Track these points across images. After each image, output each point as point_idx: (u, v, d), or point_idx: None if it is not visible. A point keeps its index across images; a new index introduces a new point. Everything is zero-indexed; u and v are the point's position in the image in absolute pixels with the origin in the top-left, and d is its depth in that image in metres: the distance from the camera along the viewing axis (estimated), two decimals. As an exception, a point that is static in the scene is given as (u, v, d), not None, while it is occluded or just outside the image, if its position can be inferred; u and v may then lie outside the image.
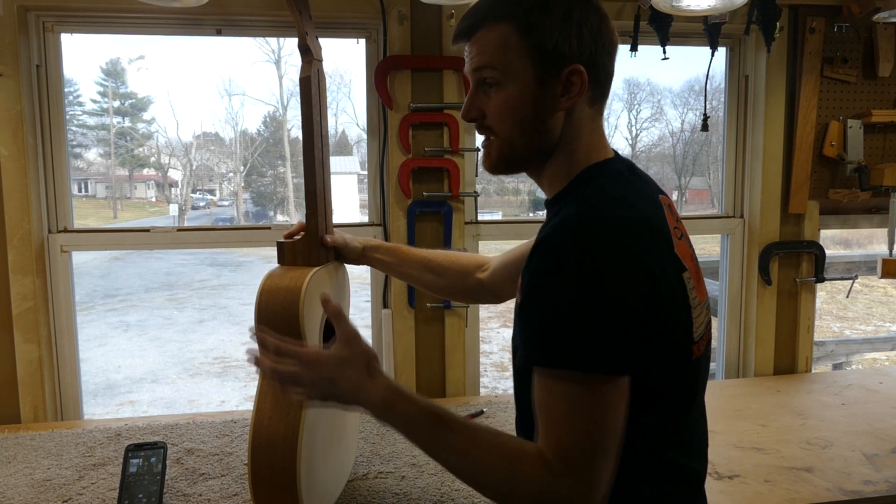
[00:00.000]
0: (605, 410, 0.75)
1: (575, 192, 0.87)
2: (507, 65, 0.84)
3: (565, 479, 0.74)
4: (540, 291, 0.77)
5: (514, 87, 0.84)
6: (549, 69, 0.83)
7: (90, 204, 21.55)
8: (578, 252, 0.75)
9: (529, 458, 0.77)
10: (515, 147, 0.88)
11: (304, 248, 1.16)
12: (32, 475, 1.34)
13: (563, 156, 0.88)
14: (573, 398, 0.75)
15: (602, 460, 0.75)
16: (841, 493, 1.27)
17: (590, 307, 0.74)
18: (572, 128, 0.87)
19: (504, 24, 0.84)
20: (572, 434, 0.75)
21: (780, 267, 2.03)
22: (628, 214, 0.80)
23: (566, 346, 0.74)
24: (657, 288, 0.77)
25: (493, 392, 2.80)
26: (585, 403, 0.74)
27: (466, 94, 0.91)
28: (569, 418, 0.75)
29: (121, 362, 6.61)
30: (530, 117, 0.85)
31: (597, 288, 0.74)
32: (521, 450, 0.79)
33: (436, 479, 1.31)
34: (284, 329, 1.05)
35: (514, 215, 17.64)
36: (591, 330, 0.73)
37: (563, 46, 0.83)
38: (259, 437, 1.02)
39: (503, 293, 1.23)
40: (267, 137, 22.45)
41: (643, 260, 0.77)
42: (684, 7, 1.57)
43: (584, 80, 0.84)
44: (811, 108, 1.93)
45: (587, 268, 0.74)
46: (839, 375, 2.10)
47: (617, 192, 0.84)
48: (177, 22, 1.72)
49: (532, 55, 0.83)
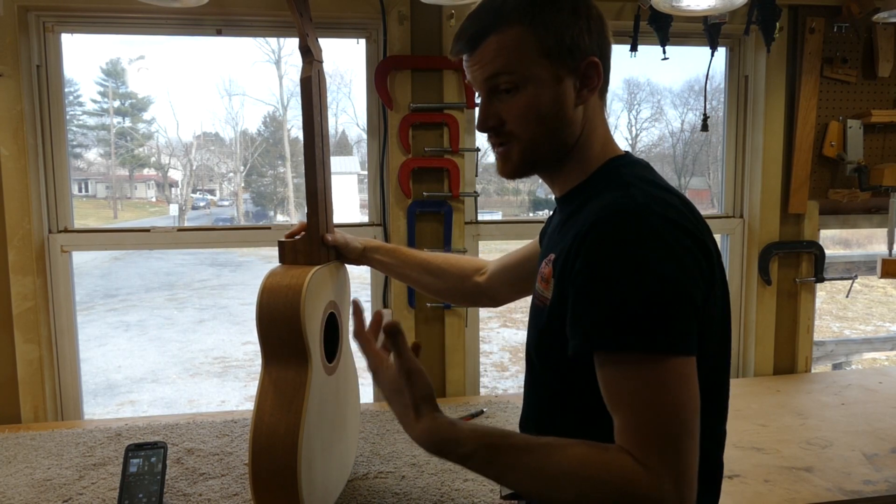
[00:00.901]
0: (683, 392, 0.72)
1: (602, 182, 0.86)
2: (525, 67, 0.83)
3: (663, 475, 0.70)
4: (603, 277, 0.74)
5: (535, 88, 0.84)
6: (568, 64, 0.84)
7: (90, 204, 21.54)
8: (638, 232, 0.74)
9: (616, 463, 0.72)
10: (540, 148, 0.87)
11: (305, 247, 1.16)
12: (33, 475, 1.34)
13: (580, 151, 0.89)
14: (648, 382, 0.72)
15: (691, 446, 0.72)
16: (841, 493, 1.27)
17: (657, 286, 0.72)
18: (588, 122, 0.88)
19: (517, 26, 0.83)
20: (650, 422, 0.71)
21: (780, 267, 2.03)
22: (675, 197, 0.81)
23: (637, 327, 0.72)
24: (713, 267, 0.78)
25: (493, 392, 2.80)
26: (662, 387, 0.72)
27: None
28: (647, 405, 0.72)
29: (121, 362, 6.61)
30: (553, 115, 0.85)
31: (663, 268, 0.73)
32: (602, 453, 0.73)
33: (436, 479, 1.31)
34: (286, 327, 1.05)
35: (514, 215, 17.61)
36: (660, 309, 0.72)
37: (579, 40, 0.83)
38: (260, 435, 1.02)
39: (501, 297, 1.23)
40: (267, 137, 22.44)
41: (701, 240, 0.77)
42: (684, 7, 1.58)
43: (600, 72, 0.85)
44: (811, 108, 1.93)
45: (650, 248, 0.73)
46: (839, 375, 2.10)
47: (653, 179, 0.85)
48: (177, 22, 1.72)
49: (550, 54, 0.83)
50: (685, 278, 0.74)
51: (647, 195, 0.79)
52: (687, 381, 0.73)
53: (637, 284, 0.72)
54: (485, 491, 1.26)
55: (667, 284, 0.72)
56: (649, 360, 0.72)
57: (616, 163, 0.88)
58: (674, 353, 0.72)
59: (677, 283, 0.73)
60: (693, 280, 0.75)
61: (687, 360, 0.73)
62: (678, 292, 0.73)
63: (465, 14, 1.75)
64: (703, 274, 0.76)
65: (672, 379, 0.72)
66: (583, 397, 0.82)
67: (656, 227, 0.75)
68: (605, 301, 0.74)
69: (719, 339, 0.83)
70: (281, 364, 1.06)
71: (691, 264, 0.75)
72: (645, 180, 0.83)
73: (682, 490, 0.71)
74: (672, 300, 0.72)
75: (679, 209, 0.79)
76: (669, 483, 0.70)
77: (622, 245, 0.74)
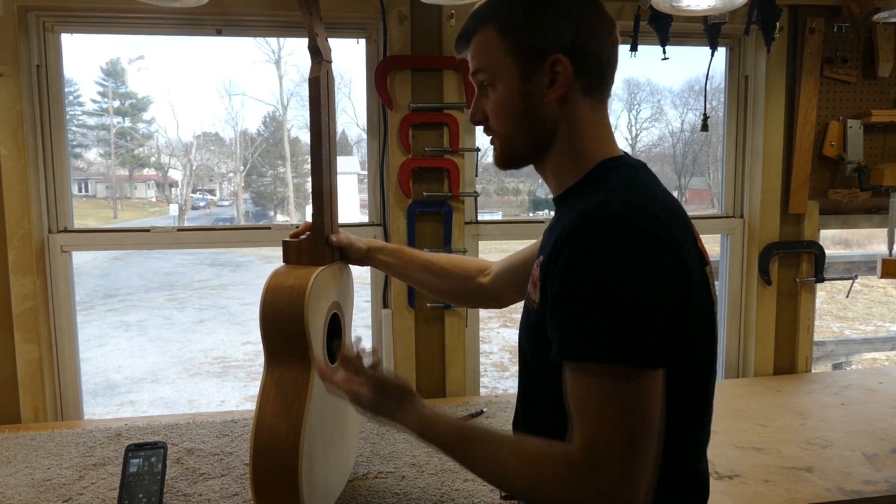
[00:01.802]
0: (642, 405, 0.73)
1: (592, 184, 0.86)
2: (493, 65, 0.88)
3: (592, 479, 0.73)
4: (573, 283, 0.75)
5: (504, 86, 0.87)
6: (531, 63, 0.85)
7: (90, 204, 21.54)
8: (611, 241, 0.74)
9: (554, 460, 0.76)
10: (514, 142, 0.90)
11: (309, 247, 1.16)
12: (32, 475, 1.34)
13: (565, 149, 0.88)
14: (608, 392, 0.73)
15: (637, 458, 0.73)
16: (841, 493, 1.27)
17: (625, 298, 0.72)
18: (569, 119, 0.87)
19: (489, 27, 0.88)
20: (604, 431, 0.73)
21: (780, 267, 2.03)
22: (654, 204, 0.80)
23: (602, 339, 0.72)
24: (688, 279, 0.77)
25: (493, 392, 2.80)
26: (621, 398, 0.72)
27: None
28: (602, 414, 0.73)
29: (121, 362, 6.60)
30: (521, 112, 0.87)
31: (632, 278, 0.73)
32: (546, 452, 0.78)
33: (436, 479, 1.31)
34: (289, 327, 1.05)
35: (514, 215, 17.62)
36: (627, 321, 0.72)
37: (539, 39, 0.85)
38: (261, 435, 1.02)
39: (504, 298, 1.23)
40: (267, 137, 22.43)
41: (675, 250, 0.76)
42: (684, 7, 1.58)
43: (566, 69, 0.84)
44: (811, 108, 1.93)
45: (621, 257, 0.73)
46: (839, 375, 2.10)
47: (640, 182, 0.84)
48: (177, 22, 1.72)
49: (512, 52, 0.86)
50: (653, 290, 0.73)
51: (627, 202, 0.78)
52: (646, 394, 0.73)
53: (604, 296, 0.73)
54: (485, 491, 1.26)
55: (634, 295, 0.72)
56: (610, 370, 0.73)
57: (608, 165, 0.88)
58: (635, 364, 0.73)
59: (645, 295, 0.73)
60: (662, 292, 0.74)
61: (649, 373, 0.73)
62: (645, 303, 0.73)
63: (465, 14, 1.75)
64: (675, 284, 0.75)
65: (629, 390, 0.73)
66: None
67: (628, 237, 0.74)
68: (573, 311, 0.76)
69: (700, 347, 0.83)
70: (283, 364, 1.06)
71: (661, 276, 0.74)
72: (630, 185, 0.83)
73: (626, 496, 0.72)
74: (637, 312, 0.72)
75: (658, 218, 0.77)
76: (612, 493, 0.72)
77: (593, 255, 0.74)
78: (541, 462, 0.78)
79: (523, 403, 0.97)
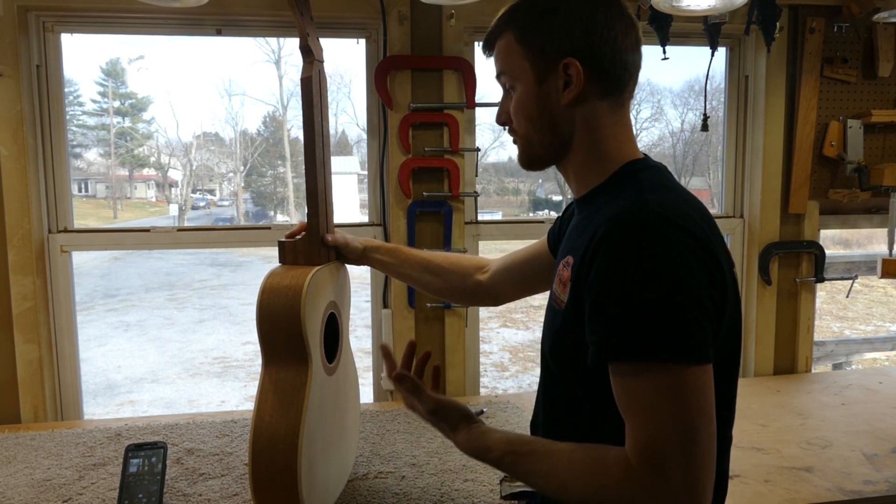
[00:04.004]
0: (695, 400, 0.72)
1: (618, 186, 0.86)
2: (513, 69, 0.90)
3: (650, 482, 0.72)
4: (614, 285, 0.75)
5: (522, 88, 0.90)
6: (545, 66, 0.87)
7: (90, 204, 21.53)
8: (651, 241, 0.74)
9: (611, 465, 0.75)
10: (533, 144, 0.92)
11: (306, 247, 1.16)
12: (32, 475, 1.34)
13: (586, 151, 0.89)
14: (659, 391, 0.72)
15: (699, 453, 0.72)
16: (841, 493, 1.27)
17: (665, 297, 0.72)
18: (587, 121, 0.88)
19: (508, 32, 0.90)
20: (661, 431, 0.72)
21: (780, 267, 2.03)
22: (688, 205, 0.81)
23: (651, 337, 0.72)
24: (724, 277, 0.78)
25: (493, 392, 2.80)
26: (675, 395, 0.72)
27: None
28: (656, 414, 0.72)
29: (121, 362, 6.60)
30: (538, 114, 0.89)
31: (674, 276, 0.73)
32: (599, 461, 0.77)
33: (436, 479, 1.31)
34: (286, 328, 1.05)
35: (514, 215, 17.60)
36: (668, 318, 0.72)
37: (552, 43, 0.86)
38: (260, 435, 1.02)
39: (502, 296, 1.24)
40: (267, 137, 22.43)
41: (712, 251, 0.77)
42: (684, 7, 1.58)
43: (579, 72, 0.85)
44: (811, 108, 1.93)
45: (662, 256, 0.74)
46: (839, 375, 2.10)
47: (670, 184, 0.86)
48: (177, 22, 1.72)
49: (527, 56, 0.88)
50: (697, 287, 0.74)
51: (661, 202, 0.78)
52: (699, 390, 0.73)
53: (648, 294, 0.73)
54: (485, 491, 1.26)
55: (678, 293, 0.73)
56: (659, 368, 0.73)
57: (633, 167, 0.88)
58: (684, 361, 0.72)
59: (689, 292, 0.73)
60: (704, 289, 0.75)
61: (700, 368, 0.73)
62: (689, 301, 0.73)
63: (465, 14, 1.76)
64: (714, 283, 0.76)
65: (682, 387, 0.72)
66: (594, 402, 0.83)
67: (669, 235, 0.75)
68: (618, 312, 0.75)
69: (730, 348, 0.83)
70: (281, 364, 1.06)
71: (703, 273, 0.75)
72: (661, 186, 0.84)
73: (694, 492, 0.71)
74: (683, 308, 0.73)
75: (692, 218, 0.78)
76: (680, 492, 0.71)
77: (634, 254, 0.74)
78: (595, 472, 0.77)
79: (543, 404, 0.96)
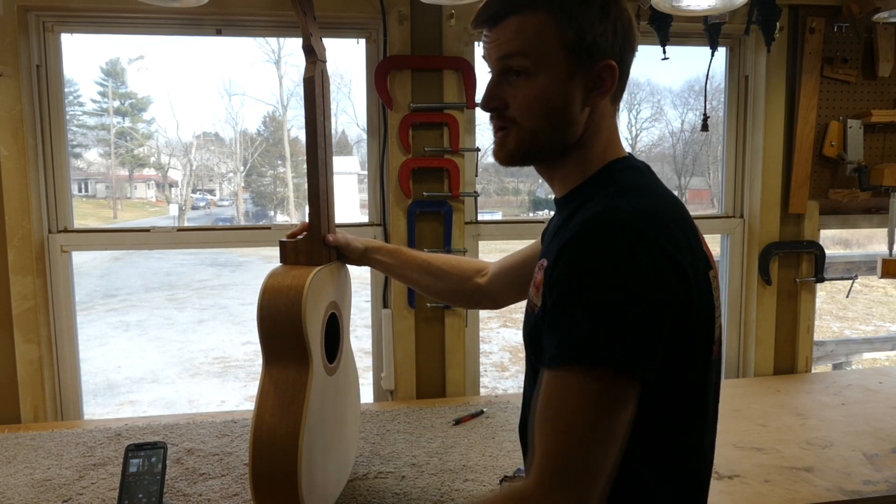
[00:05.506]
0: (615, 412, 0.72)
1: (596, 187, 0.85)
2: (542, 54, 0.82)
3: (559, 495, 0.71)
4: (566, 291, 0.75)
5: (546, 78, 0.82)
6: (584, 62, 0.82)
7: (90, 204, 21.51)
8: (608, 249, 0.73)
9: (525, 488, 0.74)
10: (538, 139, 0.85)
11: (307, 247, 1.16)
12: (32, 475, 1.34)
13: (580, 152, 0.87)
14: (585, 396, 0.71)
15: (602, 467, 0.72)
16: (841, 493, 1.27)
17: (620, 306, 0.71)
18: (593, 124, 0.86)
19: (542, 12, 0.81)
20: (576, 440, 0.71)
21: (780, 267, 2.03)
22: (661, 208, 0.79)
23: (591, 343, 0.71)
24: (688, 286, 0.76)
25: (493, 392, 2.80)
26: (597, 402, 0.71)
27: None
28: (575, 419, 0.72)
29: (121, 362, 6.60)
30: (558, 110, 0.83)
31: (629, 288, 0.72)
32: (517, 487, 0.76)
33: (436, 479, 1.31)
34: (287, 328, 1.05)
35: (514, 215, 17.59)
36: (617, 327, 0.71)
37: (601, 40, 0.82)
38: (260, 436, 1.02)
39: (501, 299, 1.23)
40: (267, 137, 22.41)
41: (676, 257, 0.75)
42: (684, 7, 1.58)
43: (614, 77, 0.84)
44: (811, 108, 1.93)
45: (619, 266, 0.72)
46: (839, 375, 2.10)
47: (645, 185, 0.84)
48: (177, 22, 1.72)
49: (569, 46, 0.81)
50: (651, 301, 0.72)
51: (633, 208, 0.77)
52: (618, 401, 0.72)
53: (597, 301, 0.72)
54: (485, 491, 1.26)
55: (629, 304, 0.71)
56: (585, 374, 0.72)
57: (614, 167, 0.87)
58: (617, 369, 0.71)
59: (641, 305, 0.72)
60: (659, 305, 0.73)
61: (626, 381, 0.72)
62: (639, 314, 0.72)
63: (465, 14, 1.76)
64: (672, 300, 0.74)
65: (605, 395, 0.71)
66: None
67: (632, 246, 0.73)
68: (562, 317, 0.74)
69: (700, 354, 0.82)
70: (282, 365, 1.06)
71: (661, 288, 0.73)
72: (636, 189, 0.82)
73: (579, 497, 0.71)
74: (630, 320, 0.71)
75: (663, 225, 0.77)
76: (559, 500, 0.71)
77: (592, 263, 0.73)
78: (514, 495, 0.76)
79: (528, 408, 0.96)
